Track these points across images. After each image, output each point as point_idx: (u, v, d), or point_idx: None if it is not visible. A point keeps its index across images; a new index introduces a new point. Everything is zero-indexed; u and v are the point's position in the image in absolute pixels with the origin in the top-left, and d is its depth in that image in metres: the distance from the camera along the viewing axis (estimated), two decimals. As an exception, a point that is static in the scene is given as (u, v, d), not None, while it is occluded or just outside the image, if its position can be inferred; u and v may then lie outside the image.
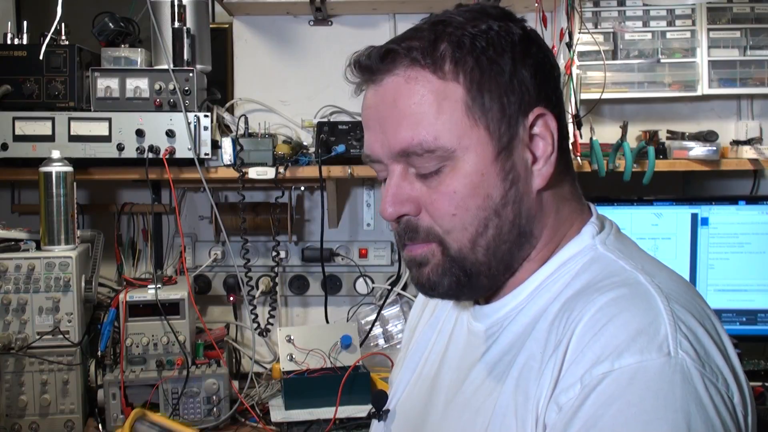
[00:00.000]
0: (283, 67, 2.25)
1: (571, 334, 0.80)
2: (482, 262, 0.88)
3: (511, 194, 0.87)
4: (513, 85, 0.86)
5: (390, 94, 0.87)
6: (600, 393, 0.74)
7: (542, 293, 0.90)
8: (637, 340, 0.75)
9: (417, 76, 0.86)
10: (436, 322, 1.09)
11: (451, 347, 1.02)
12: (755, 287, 2.08)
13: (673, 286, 0.84)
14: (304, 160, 2.04)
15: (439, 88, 0.85)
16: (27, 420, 1.84)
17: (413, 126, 0.85)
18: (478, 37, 0.86)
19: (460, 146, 0.85)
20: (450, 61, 0.85)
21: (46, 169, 1.84)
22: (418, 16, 2.17)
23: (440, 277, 0.89)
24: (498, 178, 0.87)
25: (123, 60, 1.99)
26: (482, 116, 0.86)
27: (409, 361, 1.10)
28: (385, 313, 2.27)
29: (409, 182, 0.89)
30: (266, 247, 2.28)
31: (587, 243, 0.91)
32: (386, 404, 1.11)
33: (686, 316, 0.79)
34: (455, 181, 0.86)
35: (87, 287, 1.89)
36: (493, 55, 0.86)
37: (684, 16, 2.12)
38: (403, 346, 1.21)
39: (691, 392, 0.73)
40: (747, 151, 2.08)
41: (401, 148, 0.87)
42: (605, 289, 0.82)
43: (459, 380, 0.95)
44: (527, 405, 0.82)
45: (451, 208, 0.86)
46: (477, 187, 0.86)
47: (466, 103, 0.85)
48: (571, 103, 2.01)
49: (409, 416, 1.05)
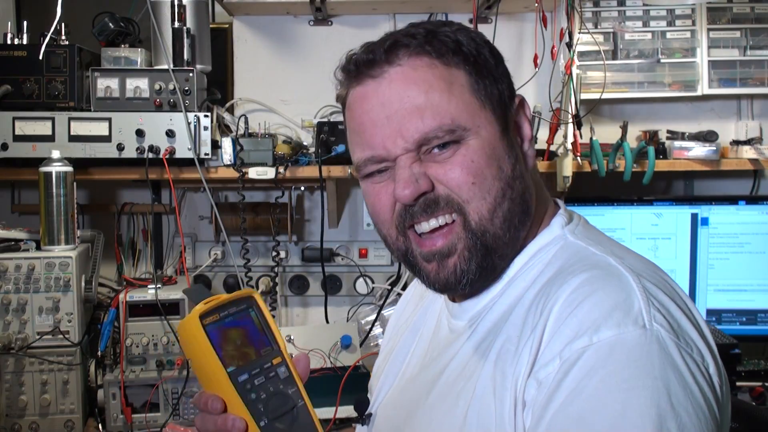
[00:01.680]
0: (283, 67, 2.25)
1: (548, 314, 0.83)
2: (500, 235, 0.91)
3: (518, 169, 0.93)
4: (500, 75, 0.95)
5: (397, 85, 0.90)
6: (581, 366, 0.77)
7: (517, 283, 0.93)
8: (613, 314, 0.78)
9: (423, 64, 0.90)
10: (415, 328, 1.12)
11: (431, 347, 1.05)
12: (755, 287, 2.08)
13: (642, 266, 0.88)
14: (304, 160, 2.04)
15: (445, 74, 0.90)
16: (27, 420, 1.84)
17: (429, 112, 0.89)
18: (460, 34, 0.94)
19: (473, 125, 0.90)
20: (450, 51, 0.91)
21: (46, 169, 1.84)
22: (418, 17, 2.20)
23: (467, 262, 0.91)
24: (506, 153, 0.92)
25: (123, 60, 1.99)
26: (486, 99, 0.92)
27: (390, 366, 1.12)
28: (385, 313, 2.26)
29: (419, 164, 0.91)
30: (266, 247, 2.28)
31: (557, 233, 0.96)
32: (368, 408, 1.13)
33: (657, 292, 0.83)
34: (471, 152, 0.90)
35: (87, 287, 1.89)
36: (479, 49, 0.94)
37: (684, 16, 2.12)
38: (381, 352, 1.22)
39: (668, 361, 0.76)
40: (747, 151, 2.08)
41: (421, 136, 0.89)
42: (578, 272, 0.85)
43: (439, 372, 0.97)
44: (505, 384, 0.84)
45: (470, 177, 0.90)
46: (491, 158, 0.91)
47: (471, 86, 0.91)
48: (571, 103, 2.01)
49: (392, 417, 1.06)
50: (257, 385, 0.81)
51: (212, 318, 0.82)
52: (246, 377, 0.81)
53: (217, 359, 0.80)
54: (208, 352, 0.80)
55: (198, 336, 0.81)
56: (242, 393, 0.80)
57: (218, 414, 0.81)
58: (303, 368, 0.86)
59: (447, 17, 2.22)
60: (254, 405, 0.80)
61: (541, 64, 1.98)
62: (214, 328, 0.82)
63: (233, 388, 0.80)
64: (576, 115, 2.01)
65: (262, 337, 0.85)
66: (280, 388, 0.82)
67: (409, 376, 1.07)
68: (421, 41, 0.91)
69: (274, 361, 0.84)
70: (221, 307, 0.83)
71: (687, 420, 0.73)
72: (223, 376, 0.80)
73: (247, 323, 0.85)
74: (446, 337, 1.01)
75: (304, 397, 0.83)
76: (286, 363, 0.85)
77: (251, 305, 0.86)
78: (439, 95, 0.89)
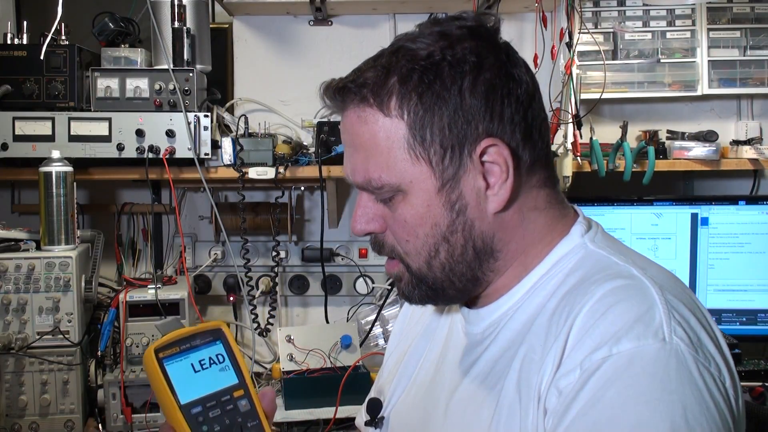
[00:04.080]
0: (283, 67, 2.25)
1: (572, 324, 0.82)
2: (442, 279, 0.94)
3: (459, 222, 0.90)
4: (458, 118, 0.87)
5: (349, 126, 0.93)
6: (599, 376, 0.77)
7: (538, 291, 0.92)
8: (634, 327, 0.78)
9: (366, 116, 0.90)
10: (428, 332, 1.11)
11: (446, 353, 1.04)
12: (755, 287, 2.08)
13: (664, 278, 0.88)
14: (304, 160, 2.04)
15: (385, 126, 0.89)
16: (27, 420, 1.84)
17: (365, 161, 0.91)
18: (428, 71, 0.87)
19: (403, 181, 0.89)
20: (396, 98, 0.88)
21: (46, 169, 1.84)
22: (418, 16, 2.20)
23: (411, 291, 0.96)
24: (443, 209, 0.90)
25: (123, 60, 1.99)
26: (423, 152, 0.88)
27: (404, 369, 1.11)
28: (385, 313, 2.26)
29: (374, 203, 0.94)
30: (266, 247, 2.28)
31: (577, 242, 0.94)
32: (381, 412, 1.12)
33: (679, 305, 0.83)
34: (405, 211, 0.91)
35: (87, 287, 1.89)
36: (438, 89, 0.86)
37: (684, 16, 2.12)
38: (388, 354, 1.22)
39: (686, 375, 0.76)
40: (747, 151, 2.08)
41: (358, 182, 0.93)
42: (602, 281, 0.85)
43: (458, 380, 0.97)
44: (530, 393, 0.84)
45: (405, 235, 0.92)
46: (423, 217, 0.90)
47: (408, 140, 0.88)
48: (571, 103, 2.01)
49: (407, 422, 1.06)
50: (211, 417, 0.82)
51: (171, 351, 0.83)
52: (199, 409, 0.82)
53: (168, 392, 0.81)
54: (161, 385, 0.82)
55: (153, 369, 0.82)
56: (192, 425, 0.81)
57: None
58: (268, 402, 0.85)
59: (447, 17, 2.22)
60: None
61: (541, 64, 1.98)
62: (172, 360, 0.83)
63: (184, 420, 0.81)
64: (576, 115, 2.02)
65: (225, 369, 0.85)
66: (237, 421, 0.83)
67: (422, 381, 1.06)
68: (369, 90, 0.89)
69: (235, 393, 0.84)
70: (183, 339, 0.84)
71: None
72: (174, 408, 0.81)
73: (211, 354, 0.85)
74: (462, 343, 1.01)
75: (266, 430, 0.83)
76: (249, 396, 0.84)
77: (218, 337, 0.86)
78: (375, 147, 0.90)
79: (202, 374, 0.84)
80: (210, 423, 0.81)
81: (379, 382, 1.20)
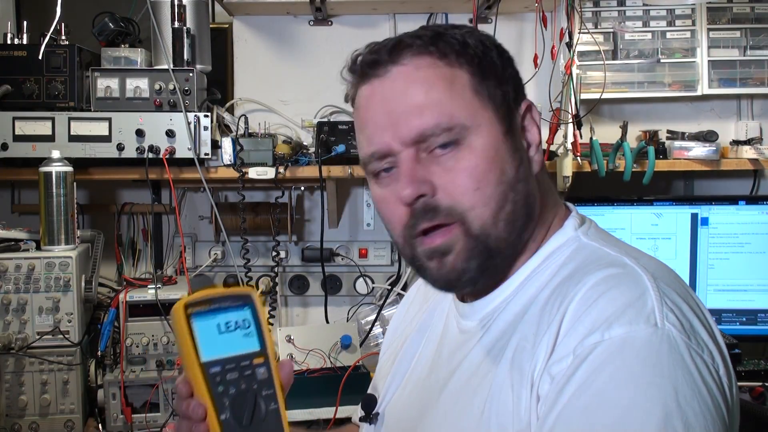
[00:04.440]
0: (283, 67, 2.25)
1: (564, 311, 0.83)
2: (503, 237, 0.91)
3: (522, 171, 0.93)
4: (506, 77, 0.95)
5: (400, 84, 0.91)
6: (591, 361, 0.77)
7: (531, 283, 0.93)
8: (626, 312, 0.79)
9: (426, 64, 0.91)
10: (423, 328, 1.11)
11: (442, 349, 1.04)
12: (755, 287, 2.08)
13: (657, 267, 0.88)
14: (304, 160, 2.04)
15: (447, 74, 0.91)
16: (27, 420, 1.84)
17: (428, 110, 0.89)
18: (468, 36, 0.94)
19: (474, 123, 0.90)
20: (454, 53, 0.91)
21: (46, 169, 1.84)
22: (418, 16, 2.21)
23: (466, 261, 0.91)
24: (509, 155, 0.92)
25: (123, 60, 1.99)
26: (489, 99, 0.92)
27: (398, 366, 1.12)
28: (385, 313, 2.26)
29: (423, 165, 0.91)
30: (266, 247, 2.28)
31: (570, 235, 0.96)
32: (375, 408, 1.12)
33: (671, 292, 0.83)
34: (474, 156, 0.89)
35: (87, 287, 1.89)
36: (486, 51, 0.94)
37: (684, 16, 2.12)
38: (383, 351, 1.22)
39: (677, 360, 0.76)
40: (747, 151, 2.08)
41: (418, 133, 0.89)
42: (594, 270, 0.86)
43: (451, 371, 0.97)
44: (522, 380, 0.85)
45: (473, 183, 0.89)
46: (494, 162, 0.90)
47: (474, 86, 0.91)
48: (571, 103, 2.01)
49: (401, 417, 1.06)
50: (228, 380, 0.81)
51: (200, 307, 0.83)
52: (218, 369, 0.81)
53: (191, 347, 0.81)
54: (185, 339, 0.81)
55: (180, 322, 0.82)
56: (210, 383, 0.80)
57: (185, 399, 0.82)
58: (286, 374, 0.84)
59: (447, 17, 2.22)
60: (219, 397, 0.80)
61: (541, 64, 1.98)
62: (199, 317, 0.83)
63: (202, 376, 0.80)
64: (576, 115, 2.01)
65: (249, 335, 0.85)
66: (253, 387, 0.82)
67: (417, 377, 1.07)
68: (425, 41, 0.91)
69: (255, 360, 0.83)
70: (214, 299, 0.84)
71: (693, 419, 0.73)
72: (195, 363, 0.81)
73: (238, 318, 0.85)
74: (456, 337, 1.01)
75: (279, 402, 0.82)
76: (268, 365, 0.84)
77: (248, 303, 0.86)
78: (439, 93, 0.89)
79: (227, 336, 0.83)
80: (226, 384, 0.81)
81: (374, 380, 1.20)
